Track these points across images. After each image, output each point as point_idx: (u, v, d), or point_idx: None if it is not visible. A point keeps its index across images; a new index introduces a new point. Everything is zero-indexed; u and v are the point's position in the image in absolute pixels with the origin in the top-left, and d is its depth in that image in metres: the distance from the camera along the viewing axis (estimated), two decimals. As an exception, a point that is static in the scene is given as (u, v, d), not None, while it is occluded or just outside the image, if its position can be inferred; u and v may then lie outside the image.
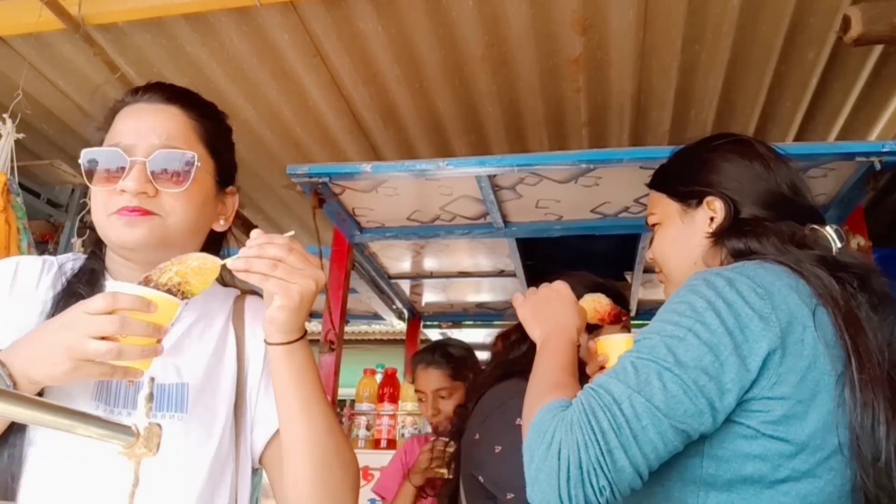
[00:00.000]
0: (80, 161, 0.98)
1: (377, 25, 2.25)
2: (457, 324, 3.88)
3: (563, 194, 2.23)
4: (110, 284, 0.89)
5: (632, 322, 3.50)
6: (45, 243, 3.07)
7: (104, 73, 2.50)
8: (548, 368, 1.02)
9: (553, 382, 0.97)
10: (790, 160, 1.09)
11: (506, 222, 2.42)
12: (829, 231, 1.00)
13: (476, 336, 4.33)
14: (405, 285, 3.26)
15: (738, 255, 0.99)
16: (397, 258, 2.88)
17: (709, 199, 1.06)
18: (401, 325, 3.80)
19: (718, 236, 1.03)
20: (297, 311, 0.89)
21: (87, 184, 0.98)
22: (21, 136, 2.40)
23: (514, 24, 2.23)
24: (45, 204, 3.05)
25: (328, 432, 0.94)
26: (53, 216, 3.11)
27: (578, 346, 1.10)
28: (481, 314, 3.69)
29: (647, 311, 3.36)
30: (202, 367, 0.99)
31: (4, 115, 2.38)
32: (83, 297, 0.85)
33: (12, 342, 0.83)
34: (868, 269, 0.95)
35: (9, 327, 0.89)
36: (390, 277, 3.12)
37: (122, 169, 0.95)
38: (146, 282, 0.83)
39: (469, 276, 3.06)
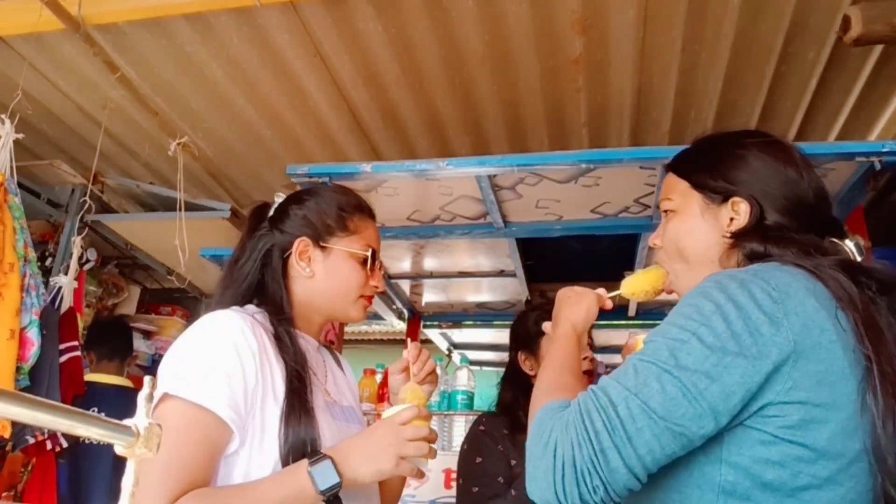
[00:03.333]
0: (365, 252, 1.31)
1: (377, 25, 2.25)
2: (457, 324, 3.87)
3: (563, 194, 2.23)
4: (392, 409, 1.17)
5: (631, 322, 3.50)
6: (45, 243, 3.07)
7: (104, 73, 2.50)
8: (551, 369, 1.03)
9: (555, 383, 0.98)
10: (816, 173, 1.05)
11: (506, 222, 2.42)
12: (849, 244, 0.98)
13: (476, 336, 4.33)
14: (405, 285, 3.25)
15: (753, 258, 0.97)
16: (397, 258, 2.88)
17: (735, 199, 1.01)
18: (401, 325, 3.80)
19: (739, 238, 1.00)
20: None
21: (364, 264, 1.31)
22: (21, 136, 2.40)
23: (514, 24, 2.23)
24: (45, 204, 3.05)
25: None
26: (53, 216, 3.11)
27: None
28: (481, 314, 3.69)
29: (648, 311, 3.37)
30: (349, 394, 1.37)
31: (3, 116, 2.38)
32: (296, 339, 1.19)
33: (336, 445, 1.10)
34: (891, 277, 0.92)
35: (261, 375, 1.11)
36: (390, 277, 3.11)
37: (374, 267, 1.32)
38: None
39: (469, 276, 3.06)
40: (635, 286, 1.20)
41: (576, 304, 1.17)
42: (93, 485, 2.84)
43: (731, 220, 1.01)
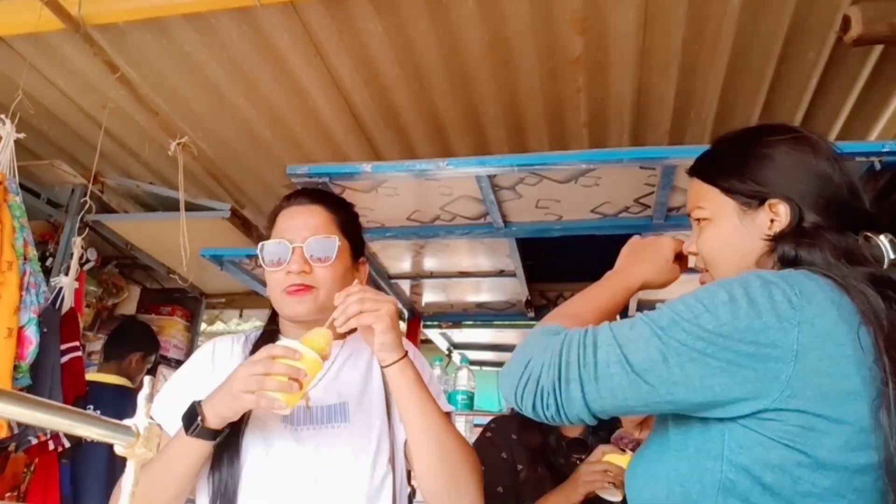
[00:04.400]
0: (257, 252, 1.30)
1: (377, 25, 2.25)
2: (457, 324, 3.87)
3: (563, 194, 2.23)
4: (280, 341, 1.21)
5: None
6: (45, 243, 3.07)
7: (104, 73, 2.50)
8: (585, 299, 1.05)
9: (575, 312, 1.00)
10: (848, 159, 1.03)
11: (506, 222, 2.42)
12: (883, 240, 0.94)
13: (476, 336, 4.33)
14: (405, 285, 3.25)
15: (785, 262, 0.95)
16: (397, 258, 2.88)
17: (773, 201, 0.97)
18: (401, 326, 3.81)
19: (778, 241, 0.97)
20: (391, 329, 1.14)
21: (265, 267, 1.29)
22: (22, 135, 2.40)
23: (514, 24, 2.23)
24: (45, 204, 3.05)
25: (443, 429, 1.19)
26: (53, 216, 3.11)
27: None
28: (481, 314, 3.69)
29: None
30: (356, 388, 1.28)
31: (3, 116, 2.38)
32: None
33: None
34: None
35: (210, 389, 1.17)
36: (390, 277, 3.11)
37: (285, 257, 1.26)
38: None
39: (469, 276, 3.06)
40: None
41: (653, 254, 1.13)
42: (89, 485, 2.86)
43: (772, 221, 0.98)
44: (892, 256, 0.93)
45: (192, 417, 1.10)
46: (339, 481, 1.18)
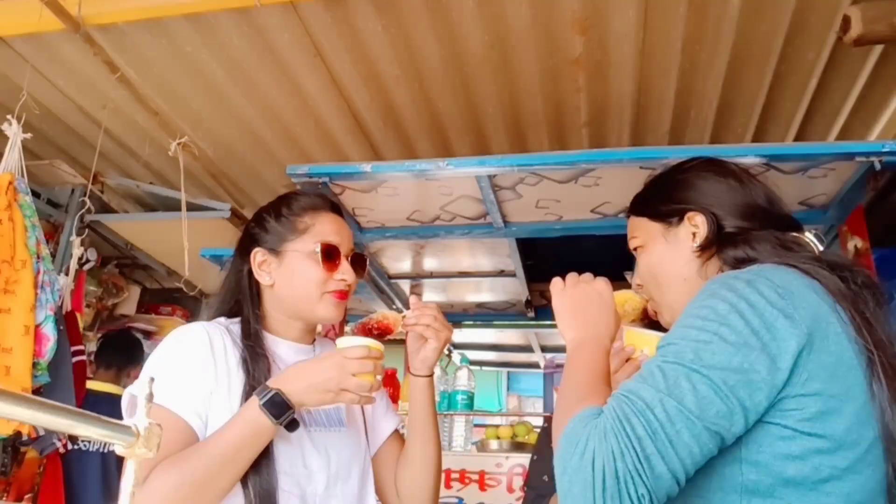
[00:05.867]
0: (316, 248, 1.29)
1: (377, 25, 2.25)
2: (457, 324, 3.87)
3: (563, 194, 2.23)
4: (346, 340, 1.21)
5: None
6: (45, 243, 3.07)
7: (104, 73, 2.50)
8: (582, 376, 0.98)
9: (587, 391, 0.94)
10: (760, 181, 1.12)
11: (506, 222, 2.42)
12: (809, 237, 1.04)
13: (476, 336, 4.33)
14: (405, 285, 3.25)
15: (738, 264, 0.99)
16: (397, 258, 2.88)
17: (689, 214, 1.07)
18: (401, 325, 3.80)
19: (707, 249, 1.05)
20: (439, 352, 1.37)
21: (312, 266, 1.29)
22: (29, 135, 2.41)
23: (514, 24, 2.23)
24: (45, 204, 3.05)
25: (438, 444, 1.39)
26: (53, 216, 3.11)
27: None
28: (481, 314, 3.69)
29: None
30: None
31: (10, 117, 2.38)
32: (262, 357, 1.24)
33: (280, 375, 1.18)
34: (853, 267, 0.98)
35: (217, 383, 1.20)
36: (390, 277, 3.11)
37: (335, 261, 1.30)
38: (364, 327, 1.38)
39: (469, 276, 3.06)
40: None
41: (610, 312, 1.10)
42: (83, 485, 2.87)
43: (694, 234, 1.07)
44: (821, 248, 1.02)
45: (279, 406, 1.11)
46: (344, 480, 1.27)
